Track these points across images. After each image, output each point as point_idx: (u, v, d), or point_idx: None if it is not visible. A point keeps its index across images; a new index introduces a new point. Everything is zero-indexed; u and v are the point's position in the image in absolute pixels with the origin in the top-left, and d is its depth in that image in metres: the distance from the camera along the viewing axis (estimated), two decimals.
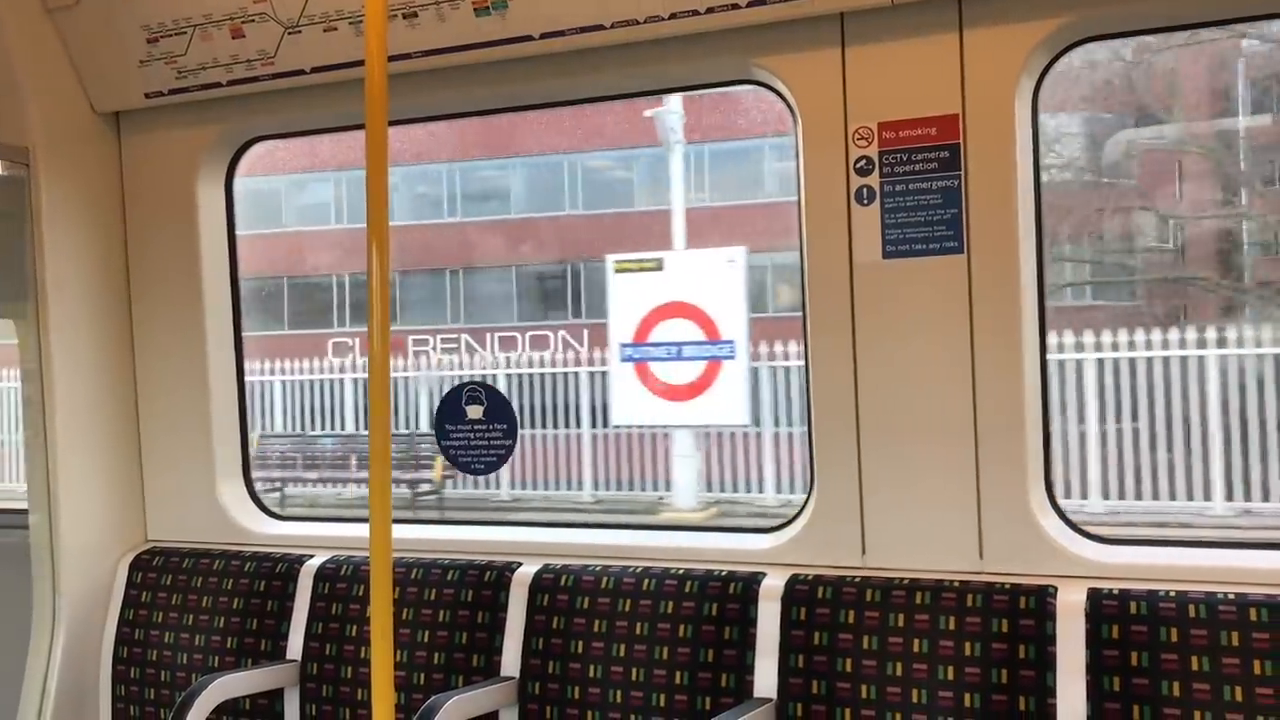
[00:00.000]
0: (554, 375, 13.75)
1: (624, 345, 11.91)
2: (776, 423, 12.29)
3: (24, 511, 3.63)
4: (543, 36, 3.07)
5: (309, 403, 14.69)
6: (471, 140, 17.59)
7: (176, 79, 3.49)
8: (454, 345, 15.85)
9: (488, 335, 15.85)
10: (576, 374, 13.56)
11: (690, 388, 11.61)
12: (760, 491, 12.37)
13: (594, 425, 13.24)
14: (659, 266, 11.81)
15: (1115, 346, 10.99)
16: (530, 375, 13.89)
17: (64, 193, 3.56)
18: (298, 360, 14.75)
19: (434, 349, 15.69)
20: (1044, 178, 2.90)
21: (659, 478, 12.87)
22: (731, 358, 11.46)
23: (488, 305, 17.51)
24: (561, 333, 15.37)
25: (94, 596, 3.63)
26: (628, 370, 11.92)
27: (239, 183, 3.74)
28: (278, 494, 13.57)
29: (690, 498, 12.41)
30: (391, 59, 1.90)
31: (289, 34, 3.29)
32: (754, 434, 12.35)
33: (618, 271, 12.04)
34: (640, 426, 12.66)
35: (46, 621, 3.55)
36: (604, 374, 12.82)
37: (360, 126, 1.85)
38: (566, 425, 13.42)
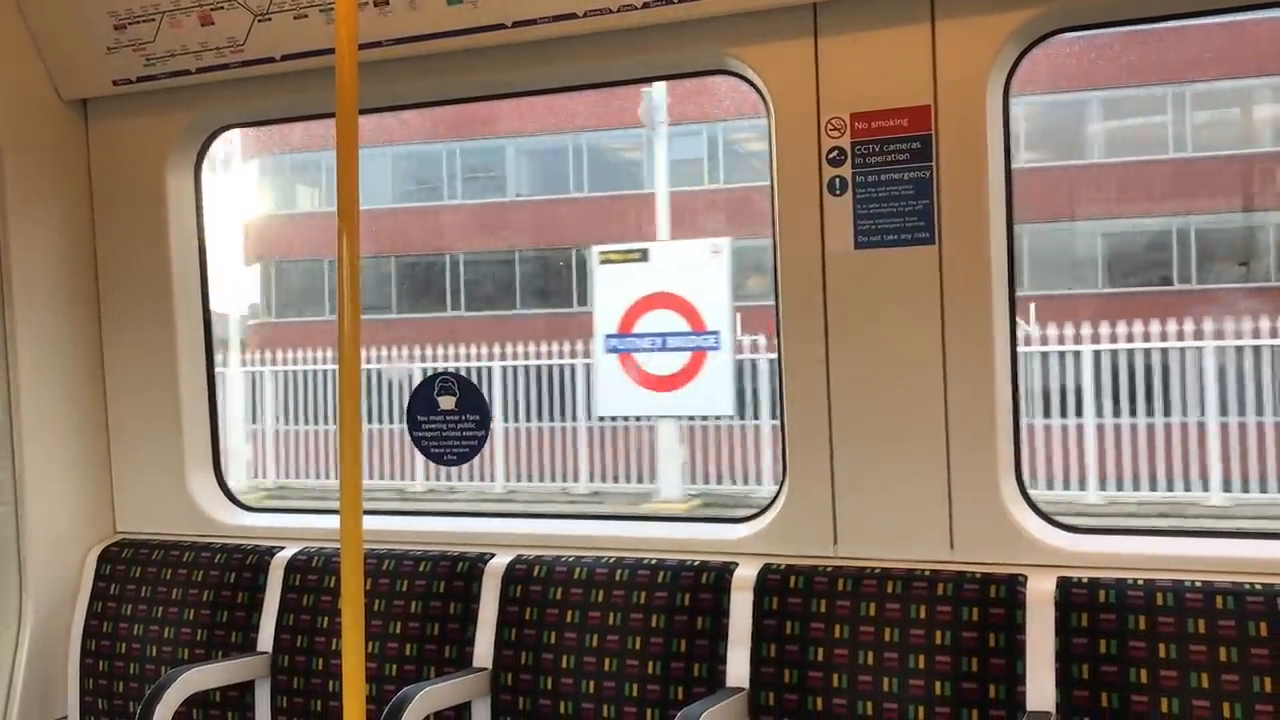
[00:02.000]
0: None
1: None
2: None
3: None
4: (515, 25, 3.06)
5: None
6: None
7: (145, 66, 3.45)
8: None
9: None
10: None
11: None
12: None
13: None
14: None
15: None
16: None
17: (30, 181, 3.52)
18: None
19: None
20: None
21: None
22: None
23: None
24: None
25: (62, 589, 3.60)
26: None
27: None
28: None
29: None
30: (362, 47, 1.89)
31: (259, 21, 3.26)
32: None
33: None
34: None
35: (13, 614, 3.52)
36: None
37: (331, 115, 1.83)
38: None
